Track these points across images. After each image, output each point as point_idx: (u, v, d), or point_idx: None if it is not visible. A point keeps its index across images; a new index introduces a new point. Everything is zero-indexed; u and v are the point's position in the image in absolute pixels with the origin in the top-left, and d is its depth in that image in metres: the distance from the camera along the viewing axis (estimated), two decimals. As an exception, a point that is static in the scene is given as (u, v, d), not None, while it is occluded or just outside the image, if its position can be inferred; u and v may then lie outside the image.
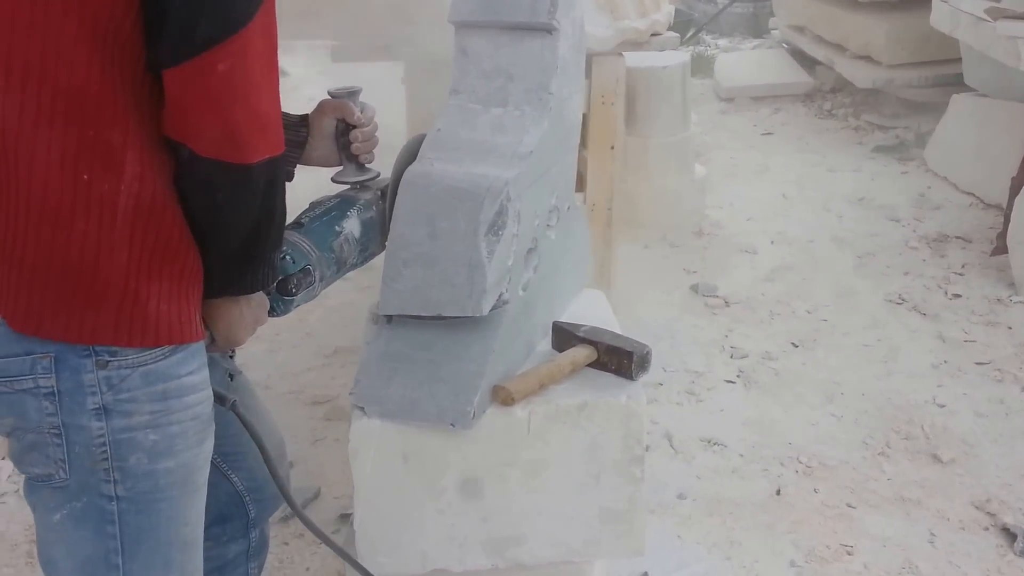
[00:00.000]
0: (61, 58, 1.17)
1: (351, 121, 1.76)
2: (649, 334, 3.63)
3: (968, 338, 3.56)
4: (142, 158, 1.24)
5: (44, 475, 1.32)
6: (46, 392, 1.27)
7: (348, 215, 1.78)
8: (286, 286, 1.61)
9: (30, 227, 1.22)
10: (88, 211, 1.21)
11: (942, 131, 5.21)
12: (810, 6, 6.61)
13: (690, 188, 4.57)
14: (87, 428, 1.28)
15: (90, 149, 1.20)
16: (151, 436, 1.32)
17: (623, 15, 3.23)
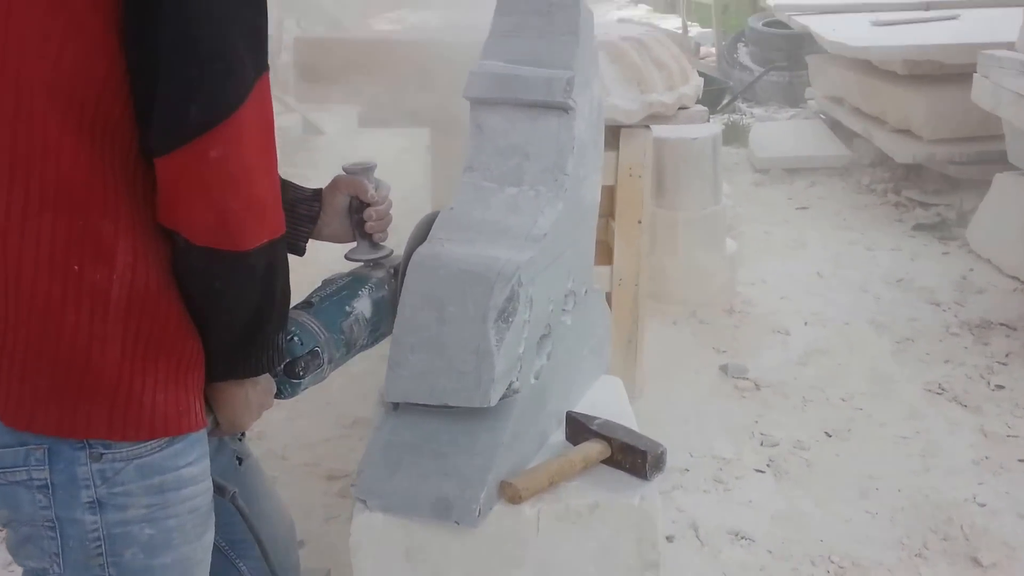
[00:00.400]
0: (47, 148, 1.14)
1: (365, 199, 1.70)
2: (676, 415, 3.52)
3: (1012, 433, 3.40)
4: (135, 246, 1.21)
5: (39, 569, 1.28)
6: (39, 485, 1.23)
7: (359, 294, 1.71)
8: (294, 369, 1.55)
9: (20, 320, 1.19)
10: (79, 303, 1.18)
11: (985, 210, 5.07)
12: (848, 77, 6.52)
13: (721, 264, 4.45)
14: (81, 522, 1.25)
15: (80, 239, 1.17)
16: (147, 530, 1.28)
17: (650, 88, 3.16)
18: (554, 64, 1.78)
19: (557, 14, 1.80)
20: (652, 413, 3.51)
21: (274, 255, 1.28)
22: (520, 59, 1.81)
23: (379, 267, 1.78)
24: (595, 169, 1.96)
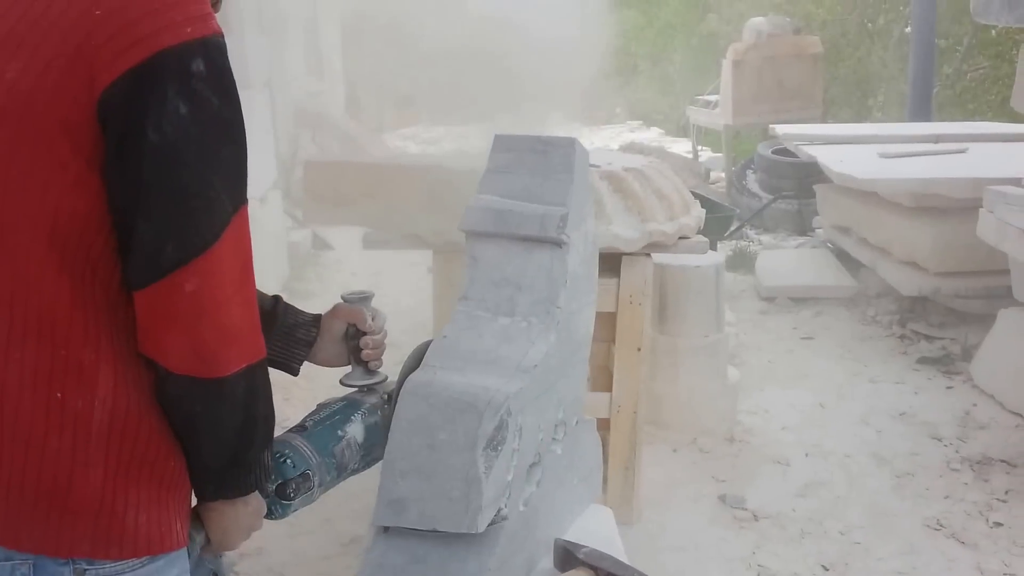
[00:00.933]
0: (30, 281, 1.20)
1: (362, 328, 1.77)
2: (672, 544, 3.51)
3: (1009, 571, 3.38)
4: (116, 373, 1.24)
5: None
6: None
7: (352, 419, 1.76)
8: (285, 490, 1.60)
9: (3, 446, 1.22)
10: (62, 429, 1.21)
11: (989, 346, 5.10)
12: (855, 207, 6.62)
13: (722, 392, 4.47)
14: None
15: (63, 367, 1.21)
16: None
17: (651, 217, 3.24)
18: (549, 200, 1.85)
19: (553, 152, 1.88)
20: (648, 540, 3.52)
21: (253, 379, 1.32)
22: (515, 194, 1.88)
23: (372, 393, 1.83)
24: (588, 302, 2.02)
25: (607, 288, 3.38)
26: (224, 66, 1.22)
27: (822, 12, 12.48)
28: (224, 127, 1.23)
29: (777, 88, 9.76)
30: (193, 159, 1.19)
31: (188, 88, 1.17)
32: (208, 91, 1.19)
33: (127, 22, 1.15)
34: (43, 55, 1.17)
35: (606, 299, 3.40)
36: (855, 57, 12.12)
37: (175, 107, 1.16)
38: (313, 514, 3.55)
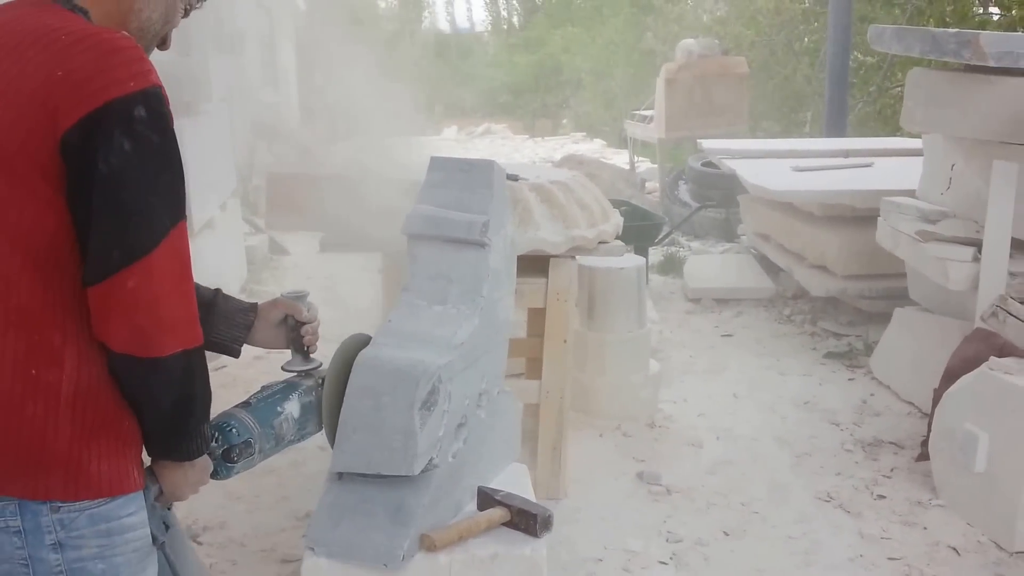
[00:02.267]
0: (10, 283, 1.52)
1: (300, 319, 2.12)
2: (593, 514, 3.94)
3: (886, 536, 3.84)
4: (80, 353, 1.56)
5: None
6: (15, 530, 1.57)
7: (290, 398, 2.11)
8: (229, 455, 1.92)
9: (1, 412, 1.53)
10: (36, 398, 1.53)
11: (886, 342, 5.60)
12: (773, 216, 7.15)
13: (644, 382, 4.93)
14: (47, 560, 1.58)
15: (36, 350, 1.53)
16: (99, 565, 1.61)
17: (574, 224, 3.67)
18: (474, 210, 2.30)
19: (476, 172, 2.33)
20: (572, 512, 3.95)
21: (190, 362, 1.61)
22: (447, 205, 2.32)
23: (309, 376, 2.19)
24: (508, 293, 2.45)
25: (536, 287, 3.80)
26: (160, 110, 1.52)
27: (751, 33, 13.08)
28: (161, 159, 1.53)
29: (706, 105, 10.34)
30: (134, 184, 1.50)
31: (131, 129, 1.48)
32: (148, 131, 1.50)
33: (82, 79, 1.47)
34: (18, 107, 1.49)
35: (535, 297, 3.82)
36: (782, 75, 12.71)
37: (120, 144, 1.47)
38: (271, 493, 3.99)
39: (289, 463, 4.28)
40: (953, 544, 3.77)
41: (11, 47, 1.53)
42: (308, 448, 4.51)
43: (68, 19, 1.57)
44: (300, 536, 3.72)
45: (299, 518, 3.89)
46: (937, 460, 4.17)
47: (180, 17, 1.80)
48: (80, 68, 1.47)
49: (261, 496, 3.95)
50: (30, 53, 1.50)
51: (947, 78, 4.99)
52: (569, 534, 3.77)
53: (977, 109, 4.74)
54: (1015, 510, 3.69)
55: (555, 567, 3.47)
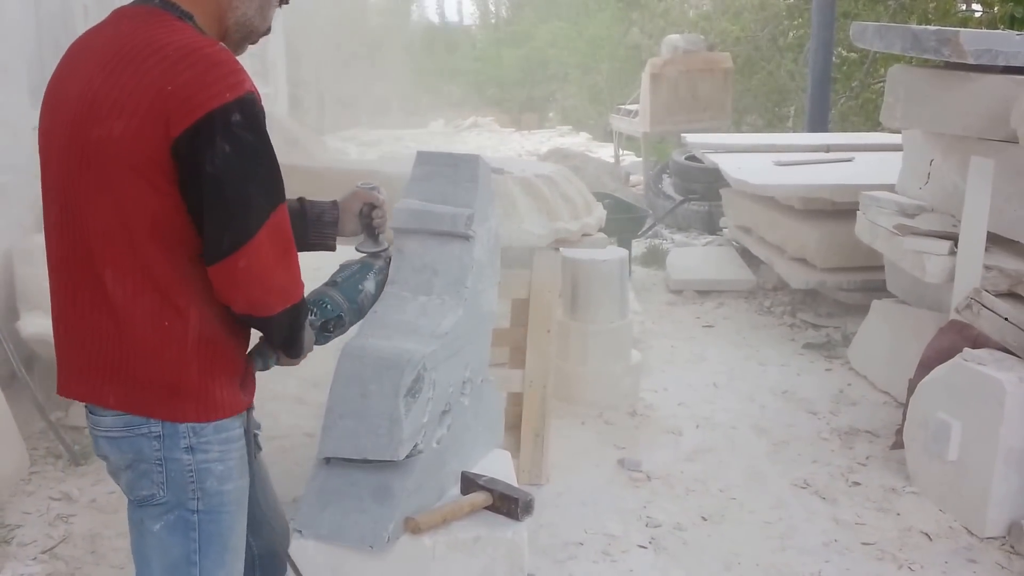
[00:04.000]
0: (146, 257, 1.82)
1: (377, 203, 2.35)
2: (575, 499, 4.03)
3: (859, 521, 3.94)
4: (200, 310, 1.88)
5: (149, 495, 1.94)
6: (155, 435, 1.90)
7: (367, 277, 2.37)
8: (326, 327, 2.24)
9: (135, 357, 1.87)
10: (169, 345, 1.86)
11: (863, 333, 5.70)
12: (754, 209, 7.24)
13: (626, 372, 5.02)
14: (180, 460, 1.91)
15: (167, 308, 1.85)
16: (219, 467, 1.95)
17: (557, 217, 3.77)
18: (459, 203, 2.38)
19: (461, 166, 2.41)
20: (555, 497, 4.04)
21: (293, 316, 1.96)
22: (433, 198, 2.41)
23: (379, 257, 2.42)
24: (492, 284, 2.54)
25: (521, 278, 3.89)
26: (253, 112, 1.78)
27: (736, 29, 13.16)
28: (256, 154, 1.80)
29: (691, 100, 10.44)
30: (236, 180, 1.77)
31: (229, 133, 1.74)
32: (243, 132, 1.76)
33: (187, 95, 1.73)
34: (136, 117, 1.75)
35: (520, 288, 3.91)
36: (766, 70, 12.80)
37: (222, 148, 1.74)
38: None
39: (277, 449, 4.36)
40: (925, 530, 3.88)
41: (128, 60, 1.79)
42: (296, 435, 4.63)
43: (175, 30, 1.83)
44: (289, 520, 3.82)
45: (287, 503, 3.94)
46: (911, 448, 4.27)
47: (275, 9, 2.06)
48: (186, 84, 1.73)
49: (250, 482, 4.02)
50: (144, 67, 1.77)
51: (927, 75, 5.09)
52: (551, 518, 3.86)
53: (956, 106, 4.84)
54: (986, 497, 3.79)
55: (537, 550, 3.56)
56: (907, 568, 3.62)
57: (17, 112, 5.00)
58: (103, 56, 1.83)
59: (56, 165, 1.89)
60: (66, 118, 1.85)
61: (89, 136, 1.79)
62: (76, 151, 1.82)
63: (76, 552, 3.61)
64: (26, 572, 3.47)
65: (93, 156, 1.80)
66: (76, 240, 1.86)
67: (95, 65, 1.83)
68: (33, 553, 3.59)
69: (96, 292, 1.85)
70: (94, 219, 1.82)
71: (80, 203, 1.84)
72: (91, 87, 1.81)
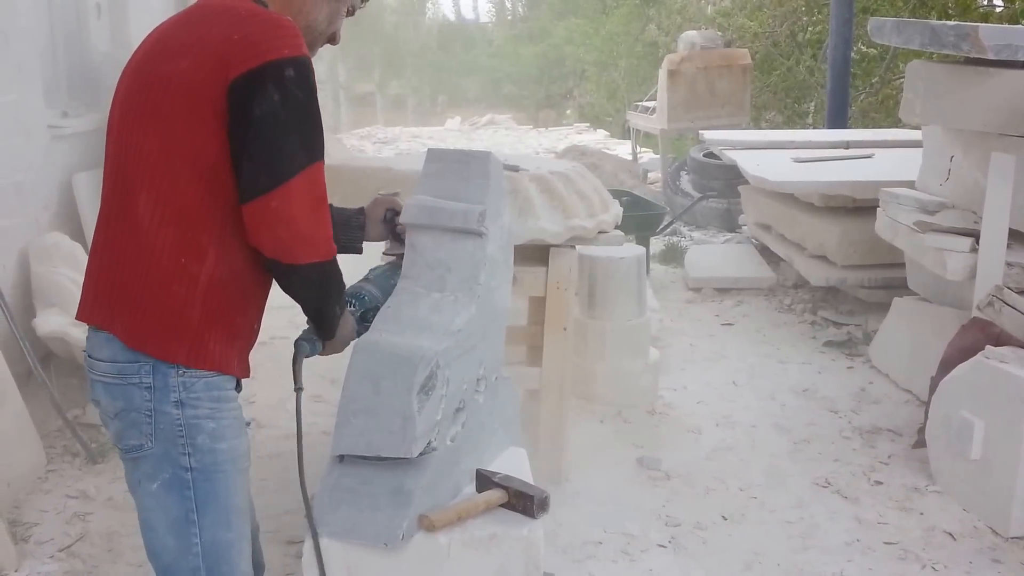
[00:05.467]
0: (177, 189, 1.91)
1: (398, 208, 2.46)
2: (594, 498, 4.00)
3: (882, 521, 3.90)
4: (219, 253, 1.95)
5: (137, 445, 1.98)
6: (146, 386, 1.94)
7: (397, 274, 2.42)
8: (365, 316, 2.33)
9: (146, 285, 1.93)
10: (181, 281, 1.92)
11: (885, 331, 5.66)
12: (773, 207, 7.19)
13: (644, 370, 4.98)
14: (169, 414, 1.96)
15: (188, 244, 1.92)
16: (210, 424, 1.99)
17: (573, 214, 3.73)
18: (471, 200, 2.35)
19: (473, 163, 2.38)
20: (573, 495, 4.01)
21: (324, 272, 2.01)
22: (445, 195, 2.37)
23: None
24: (505, 281, 2.51)
25: (537, 276, 3.86)
26: (305, 74, 1.90)
27: (754, 25, 13.09)
28: (303, 110, 1.90)
29: (709, 96, 10.37)
30: (280, 126, 1.87)
31: (281, 85, 1.86)
32: (294, 87, 1.87)
33: (251, 43, 1.87)
34: (202, 58, 1.88)
35: (536, 285, 3.88)
36: (785, 66, 12.73)
37: (271, 95, 1.85)
38: (276, 477, 4.05)
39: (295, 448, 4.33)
40: (949, 529, 3.83)
41: (203, 17, 1.97)
42: (313, 433, 4.58)
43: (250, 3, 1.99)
44: (304, 518, 3.79)
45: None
46: (934, 447, 4.22)
47: (344, 17, 2.21)
48: (250, 34, 1.88)
49: (267, 480, 4.01)
50: (215, 20, 1.93)
51: (947, 70, 5.03)
52: (569, 517, 3.83)
53: (976, 101, 4.78)
54: (1010, 496, 3.74)
55: (555, 549, 3.54)
56: (931, 568, 3.57)
57: (32, 111, 5.01)
58: (181, 17, 2.02)
59: (120, 101, 2.00)
60: (138, 58, 2.01)
61: (156, 71, 1.93)
62: (141, 84, 1.95)
63: (93, 550, 3.61)
64: (43, 570, 3.47)
65: (155, 87, 1.91)
66: (123, 168, 1.96)
67: (172, 22, 2.02)
68: (50, 551, 3.59)
69: (128, 217, 1.94)
70: (142, 146, 1.92)
71: (133, 132, 1.94)
72: (166, 36, 1.99)
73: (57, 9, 5.83)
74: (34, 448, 4.16)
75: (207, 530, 2.03)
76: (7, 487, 3.86)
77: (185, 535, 2.02)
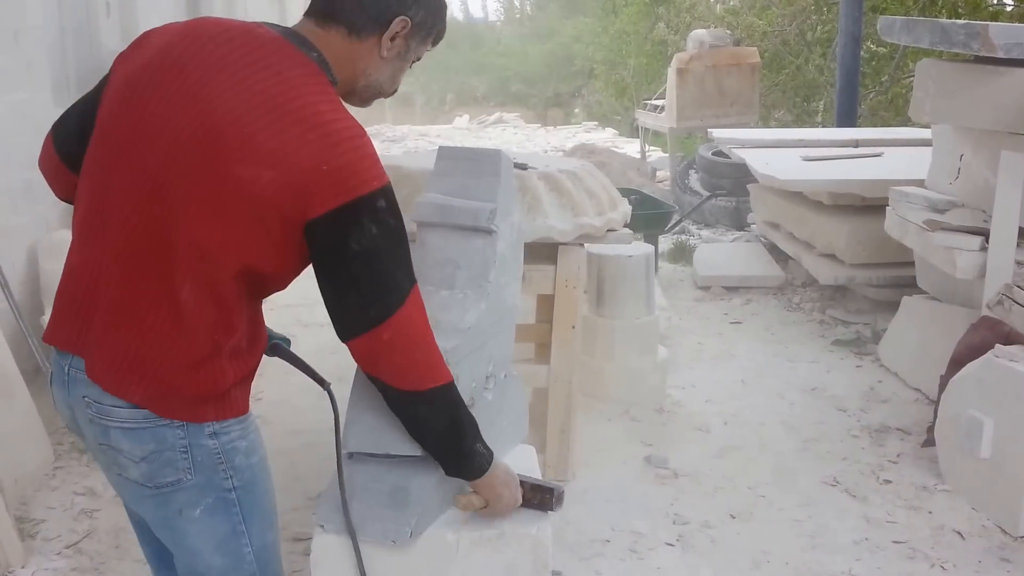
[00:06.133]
0: (224, 285, 1.89)
1: None
2: (601, 496, 4.00)
3: (891, 519, 3.89)
4: (244, 328, 1.97)
5: (174, 480, 1.97)
6: (178, 425, 1.93)
7: None
8: None
9: (183, 366, 1.91)
10: (212, 355, 1.92)
11: (894, 330, 5.64)
12: (782, 205, 7.18)
13: (652, 368, 4.98)
14: (205, 445, 1.97)
15: (223, 324, 1.92)
16: (242, 443, 2.03)
17: (582, 212, 3.72)
18: (481, 198, 2.35)
19: (483, 160, 2.38)
20: (580, 493, 4.01)
21: (449, 395, 2.01)
22: (455, 193, 2.37)
23: None
24: (514, 279, 2.50)
25: (545, 274, 3.86)
26: (393, 201, 1.88)
27: (763, 23, 13.07)
28: (397, 237, 1.89)
29: (718, 95, 10.36)
30: (384, 257, 1.87)
31: (376, 218, 1.84)
32: (387, 217, 1.86)
33: (341, 177, 1.81)
34: (289, 178, 1.80)
35: (544, 283, 3.88)
36: (794, 65, 12.71)
37: (369, 229, 1.83)
38: (284, 474, 4.06)
39: (302, 445, 4.36)
40: (958, 528, 3.82)
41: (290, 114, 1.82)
42: (321, 431, 4.58)
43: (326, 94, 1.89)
44: (311, 515, 3.78)
45: (311, 498, 3.96)
46: (943, 446, 4.21)
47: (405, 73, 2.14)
48: (343, 167, 1.81)
49: (275, 477, 3.95)
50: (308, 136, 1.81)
51: (956, 69, 5.02)
52: (577, 515, 3.83)
53: (986, 100, 4.77)
54: (1020, 495, 3.73)
55: (563, 547, 3.54)
56: (939, 567, 3.56)
57: (41, 109, 5.02)
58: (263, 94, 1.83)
59: (161, 157, 1.84)
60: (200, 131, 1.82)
61: (234, 171, 1.80)
62: (207, 173, 1.82)
63: (100, 547, 3.61)
64: (51, 566, 3.48)
65: (228, 187, 1.81)
66: (156, 236, 1.85)
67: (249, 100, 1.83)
68: (57, 548, 3.60)
69: (157, 289, 1.87)
70: (195, 234, 1.83)
71: (180, 210, 1.83)
72: (248, 125, 1.81)
73: (67, 7, 5.84)
74: (42, 445, 4.17)
75: (256, 538, 2.09)
76: (14, 484, 3.87)
77: (235, 549, 2.07)
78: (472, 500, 2.22)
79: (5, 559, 3.41)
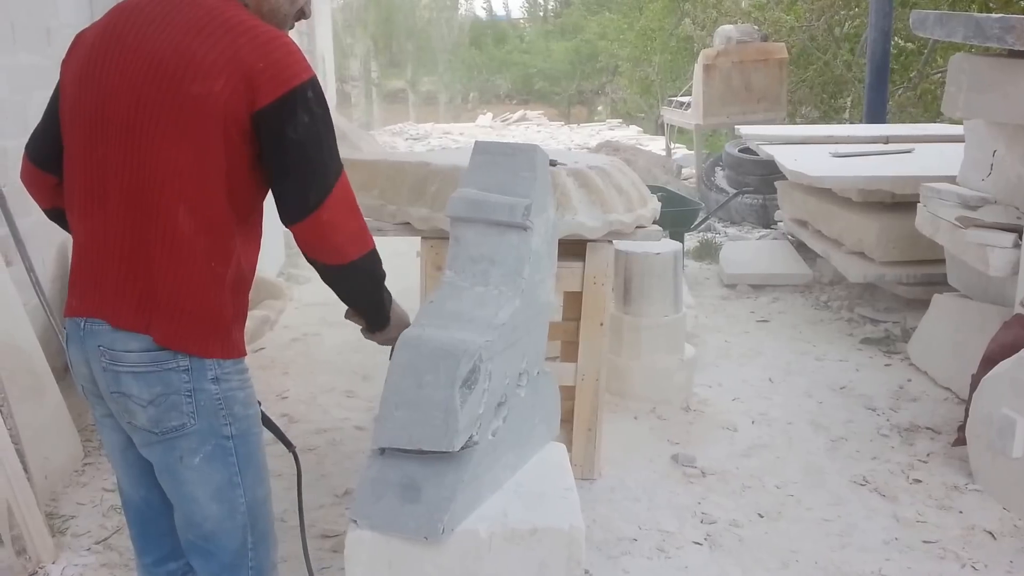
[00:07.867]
0: (209, 202, 2.04)
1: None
2: (628, 495, 3.99)
3: (921, 519, 3.86)
4: (240, 253, 2.12)
5: (178, 425, 2.11)
6: (184, 368, 2.07)
7: None
8: None
9: (185, 293, 2.06)
10: (213, 284, 2.08)
11: (924, 328, 5.59)
12: (810, 202, 7.13)
13: (679, 366, 4.96)
14: (208, 390, 2.11)
15: (218, 250, 2.07)
16: (240, 393, 2.18)
17: (611, 209, 3.71)
18: (516, 193, 2.34)
19: (519, 155, 2.36)
20: (607, 492, 4.00)
21: (374, 259, 2.20)
22: (490, 188, 2.36)
23: None
24: (548, 275, 2.49)
25: (574, 271, 3.84)
26: (319, 91, 2.06)
27: (791, 19, 12.99)
28: (327, 124, 2.06)
29: (745, 91, 10.30)
30: (315, 145, 2.04)
31: (307, 107, 2.02)
32: (316, 107, 2.04)
33: (277, 71, 1.99)
34: (234, 82, 1.98)
35: (573, 280, 3.86)
36: (822, 61, 12.62)
37: (302, 118, 2.01)
38: (311, 471, 4.07)
39: (328, 442, 4.37)
40: (989, 528, 3.78)
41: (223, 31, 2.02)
42: (346, 428, 4.63)
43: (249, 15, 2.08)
44: (338, 512, 3.83)
45: (338, 495, 3.97)
46: (974, 445, 4.17)
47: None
48: (275, 63, 2.00)
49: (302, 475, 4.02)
50: (239, 41, 2.00)
51: (990, 63, 4.96)
52: (604, 513, 3.82)
53: (1020, 95, 4.71)
54: (1052, 496, 3.69)
55: (590, 546, 3.53)
56: (970, 567, 3.53)
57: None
58: (190, 23, 2.03)
59: (126, 108, 2.03)
60: (150, 69, 2.01)
61: (188, 90, 1.98)
62: (166, 100, 1.99)
63: (129, 543, 3.62)
64: (81, 562, 3.50)
65: (187, 107, 1.98)
66: (144, 178, 2.02)
67: (180, 30, 2.02)
68: (87, 544, 3.62)
69: (156, 226, 2.02)
70: (173, 160, 2.00)
71: (156, 145, 2.00)
72: (186, 48, 2.00)
73: (98, 5, 5.87)
74: (71, 441, 4.19)
75: (249, 489, 2.22)
76: (45, 480, 3.89)
77: (230, 498, 2.20)
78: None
79: (36, 555, 3.43)
